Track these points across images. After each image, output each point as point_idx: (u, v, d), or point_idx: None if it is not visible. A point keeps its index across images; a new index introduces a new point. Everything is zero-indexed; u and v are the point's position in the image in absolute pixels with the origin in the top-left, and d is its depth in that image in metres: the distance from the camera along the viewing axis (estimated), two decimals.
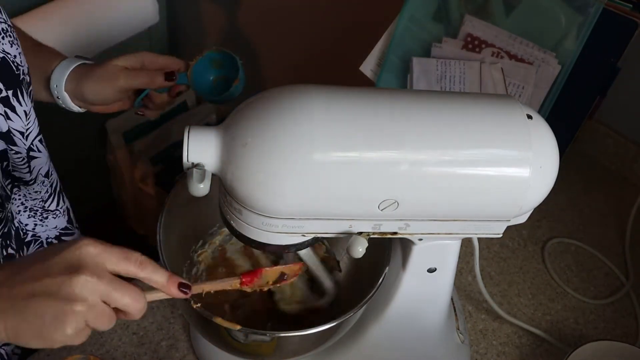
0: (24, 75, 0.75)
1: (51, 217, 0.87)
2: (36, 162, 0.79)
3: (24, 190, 0.81)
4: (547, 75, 0.96)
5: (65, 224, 0.91)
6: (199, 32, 1.88)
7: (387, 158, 0.57)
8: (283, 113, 0.56)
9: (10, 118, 0.72)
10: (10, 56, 0.71)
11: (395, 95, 0.62)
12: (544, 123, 0.61)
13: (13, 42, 0.72)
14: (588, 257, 1.05)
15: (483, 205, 0.61)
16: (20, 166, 0.77)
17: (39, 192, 0.83)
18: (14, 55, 0.72)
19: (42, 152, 0.80)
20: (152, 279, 0.52)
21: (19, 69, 0.73)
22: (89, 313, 0.49)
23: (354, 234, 0.62)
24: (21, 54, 0.74)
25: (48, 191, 0.84)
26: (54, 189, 0.86)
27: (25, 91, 0.75)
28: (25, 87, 0.75)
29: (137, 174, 1.73)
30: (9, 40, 0.72)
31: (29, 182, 0.79)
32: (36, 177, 0.80)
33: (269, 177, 0.56)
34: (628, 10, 0.97)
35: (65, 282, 0.48)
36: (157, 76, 0.78)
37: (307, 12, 1.57)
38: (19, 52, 0.73)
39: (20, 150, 0.75)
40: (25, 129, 0.75)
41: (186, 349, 0.84)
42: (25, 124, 0.75)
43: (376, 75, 1.04)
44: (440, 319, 0.77)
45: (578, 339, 0.92)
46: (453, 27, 1.00)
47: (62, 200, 0.89)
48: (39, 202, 0.84)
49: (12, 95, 0.72)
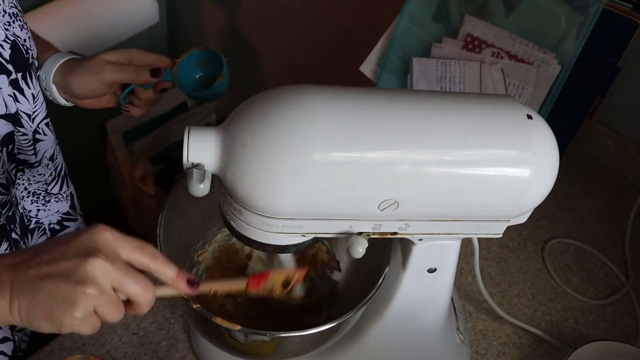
0: (32, 59, 0.76)
1: (53, 200, 0.88)
2: (42, 144, 0.80)
3: (28, 174, 0.82)
4: (547, 76, 0.96)
5: (67, 208, 0.91)
6: (199, 32, 1.88)
7: (387, 158, 0.57)
8: (283, 113, 0.56)
9: (19, 100, 0.73)
10: (20, 39, 0.73)
11: (395, 95, 0.62)
12: (544, 123, 0.61)
13: (23, 27, 0.74)
14: (588, 257, 1.05)
15: (483, 205, 0.61)
16: (25, 148, 0.78)
17: (43, 174, 0.84)
18: (24, 39, 0.74)
19: (47, 135, 0.81)
20: (162, 271, 0.53)
21: (28, 52, 0.74)
22: (100, 298, 0.49)
23: (354, 234, 0.62)
24: (30, 38, 0.76)
25: (52, 174, 0.85)
26: (57, 172, 0.87)
27: (34, 74, 0.76)
28: (34, 70, 0.77)
29: (137, 174, 1.73)
30: (19, 24, 0.73)
31: (33, 164, 0.81)
32: (41, 159, 0.81)
33: (269, 177, 0.56)
34: (628, 10, 0.97)
35: (80, 264, 0.49)
36: (143, 72, 0.78)
37: (307, 12, 1.57)
38: (28, 37, 0.75)
39: (26, 132, 0.76)
40: (32, 111, 0.76)
41: (186, 349, 0.84)
42: (33, 106, 0.76)
43: (376, 75, 1.04)
44: (440, 319, 0.77)
45: (578, 339, 0.92)
46: (453, 27, 1.00)
47: (65, 185, 0.90)
48: (42, 185, 0.85)
49: (22, 78, 0.73)
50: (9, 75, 0.71)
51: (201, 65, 0.84)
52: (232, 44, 1.84)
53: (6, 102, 0.71)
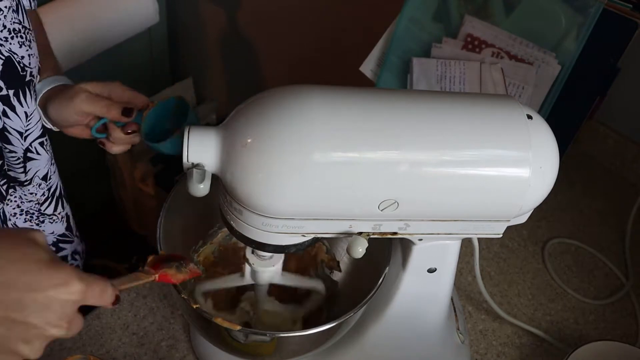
0: (30, 77, 0.74)
1: (48, 221, 0.87)
2: (33, 163, 0.79)
3: (20, 192, 0.81)
4: (547, 76, 0.96)
5: (63, 230, 0.91)
6: (199, 33, 1.88)
7: (387, 158, 0.57)
8: (283, 113, 0.56)
9: (9, 117, 0.72)
10: (16, 56, 0.71)
11: (395, 95, 0.62)
12: (544, 123, 0.61)
13: (23, 44, 0.72)
14: (588, 257, 1.05)
15: (483, 205, 0.61)
16: (15, 166, 0.77)
17: (35, 194, 0.83)
18: (22, 56, 0.72)
19: (41, 154, 0.80)
20: None
21: (25, 70, 0.73)
22: None
23: (354, 234, 0.62)
24: (32, 55, 0.74)
25: (45, 194, 0.84)
26: (51, 193, 0.86)
27: (30, 93, 0.74)
28: (31, 88, 0.75)
29: (137, 174, 1.73)
30: (19, 40, 0.72)
31: (23, 182, 0.79)
32: (32, 178, 0.80)
33: (269, 177, 0.56)
34: (628, 11, 0.97)
35: None
36: (115, 108, 0.73)
37: (307, 12, 1.57)
38: (28, 54, 0.73)
39: (16, 150, 0.75)
40: (24, 129, 0.75)
41: (186, 349, 0.84)
42: (25, 124, 0.75)
43: (376, 76, 1.04)
44: (440, 319, 0.77)
45: (578, 339, 0.92)
46: (453, 28, 1.00)
47: (60, 206, 0.89)
48: (34, 205, 0.84)
49: (14, 94, 0.72)
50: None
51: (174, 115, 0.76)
52: (232, 44, 1.84)
53: None
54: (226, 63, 1.92)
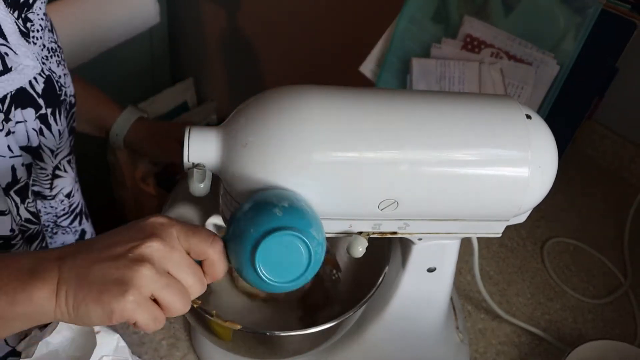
0: (65, 96, 0.76)
1: (60, 232, 0.88)
2: (59, 181, 0.80)
3: (41, 204, 0.81)
4: (546, 76, 0.97)
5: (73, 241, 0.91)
6: (200, 33, 1.89)
7: (387, 158, 0.57)
8: (283, 113, 0.56)
9: (44, 135, 0.73)
10: (55, 75, 0.72)
11: (395, 95, 0.62)
12: (543, 123, 0.61)
13: (60, 62, 0.74)
14: (587, 256, 1.05)
15: (482, 205, 0.61)
16: (42, 182, 0.77)
17: (55, 207, 0.83)
18: (59, 75, 0.74)
19: (68, 172, 0.81)
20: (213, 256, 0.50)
21: (61, 89, 0.74)
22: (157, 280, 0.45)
23: (354, 233, 0.62)
24: (67, 75, 0.76)
25: (65, 210, 0.85)
26: (72, 209, 0.86)
27: (64, 111, 0.75)
28: (65, 107, 0.76)
29: (138, 174, 1.73)
30: (57, 59, 0.73)
31: (47, 197, 0.80)
32: (56, 195, 0.81)
33: (269, 177, 0.56)
34: (627, 11, 0.97)
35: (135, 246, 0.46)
36: None
37: (307, 13, 1.57)
38: (64, 74, 0.75)
39: (46, 167, 0.76)
40: (56, 147, 0.76)
41: (187, 348, 0.84)
42: (58, 142, 0.75)
43: (376, 76, 1.04)
44: (440, 318, 0.78)
45: (577, 339, 0.93)
46: (452, 28, 1.00)
47: (78, 222, 0.89)
48: (51, 217, 0.85)
49: (51, 113, 0.72)
50: (38, 110, 0.70)
51: None
52: (232, 44, 1.84)
53: (29, 135, 0.70)
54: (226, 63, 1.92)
